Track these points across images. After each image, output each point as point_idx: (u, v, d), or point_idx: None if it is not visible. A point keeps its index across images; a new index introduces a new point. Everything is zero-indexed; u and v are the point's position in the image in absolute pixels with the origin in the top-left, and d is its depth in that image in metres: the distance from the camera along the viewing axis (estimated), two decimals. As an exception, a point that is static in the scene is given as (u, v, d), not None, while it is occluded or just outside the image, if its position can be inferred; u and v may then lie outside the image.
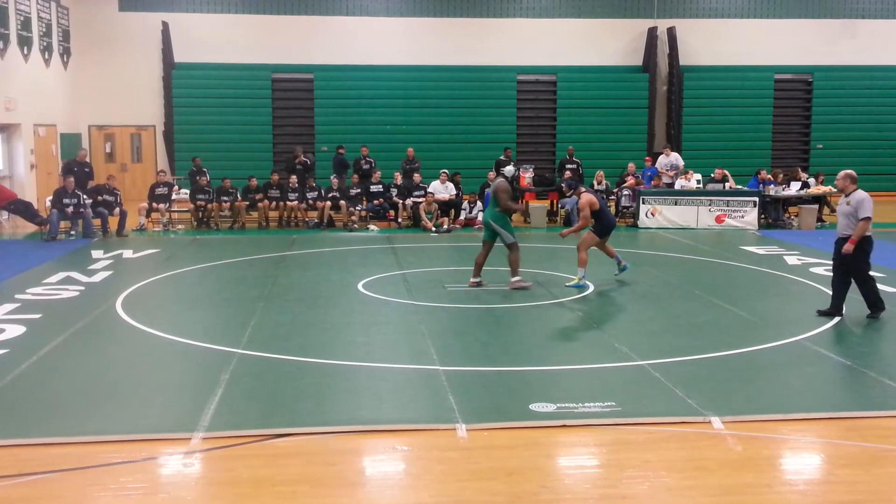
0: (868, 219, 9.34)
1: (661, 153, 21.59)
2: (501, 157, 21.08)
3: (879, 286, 11.27)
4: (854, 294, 10.66)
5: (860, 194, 9.53)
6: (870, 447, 5.81)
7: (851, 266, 9.58)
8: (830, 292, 9.95)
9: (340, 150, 21.18)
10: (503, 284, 11.68)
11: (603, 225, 11.86)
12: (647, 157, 22.44)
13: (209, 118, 24.42)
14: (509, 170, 11.89)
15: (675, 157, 20.64)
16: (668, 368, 7.51)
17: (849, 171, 9.77)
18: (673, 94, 26.20)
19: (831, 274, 9.98)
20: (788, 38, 26.19)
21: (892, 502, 5.05)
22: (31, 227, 17.70)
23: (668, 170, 20.21)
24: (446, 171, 19.45)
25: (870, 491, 5.18)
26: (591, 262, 13.01)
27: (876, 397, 6.88)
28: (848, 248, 9.42)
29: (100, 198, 17.31)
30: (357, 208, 18.58)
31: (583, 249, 11.70)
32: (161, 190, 18.42)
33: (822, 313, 9.75)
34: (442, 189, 18.90)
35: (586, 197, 11.82)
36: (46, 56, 21.88)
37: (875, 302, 9.70)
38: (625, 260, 12.25)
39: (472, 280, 11.55)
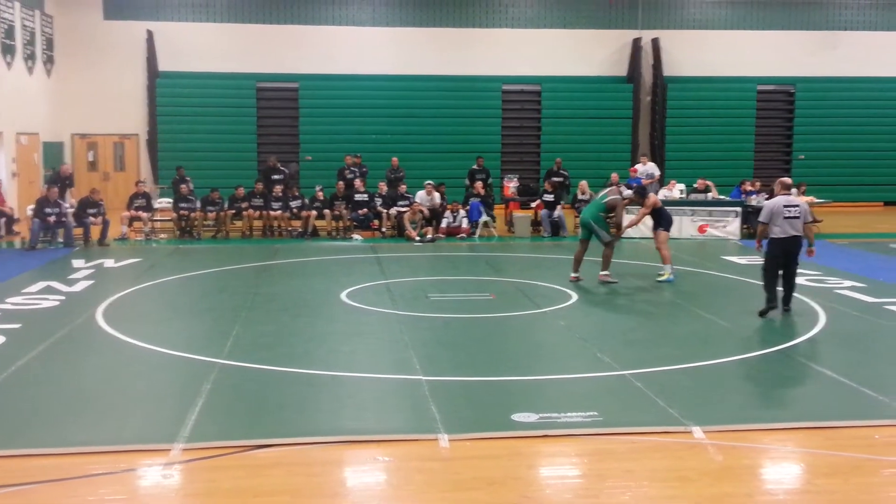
0: (758, 222, 10.31)
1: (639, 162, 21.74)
2: (474, 167, 21.12)
3: (860, 296, 11.50)
4: (834, 304, 10.82)
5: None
6: (850, 456, 5.83)
7: None
8: (808, 301, 10.78)
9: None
10: (486, 294, 11.71)
11: (667, 220, 13.19)
12: (632, 168, 22.53)
13: (193, 127, 24.34)
14: (628, 193, 13.46)
15: (651, 167, 20.76)
16: (649, 378, 7.52)
17: (781, 179, 10.70)
18: (657, 104, 26.34)
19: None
20: (771, 49, 26.41)
21: (871, 511, 5.09)
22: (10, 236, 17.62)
23: (644, 178, 20.33)
24: (431, 182, 19.38)
25: (849, 500, 5.20)
26: (582, 272, 13.08)
27: (855, 407, 6.91)
28: (756, 246, 10.53)
29: (87, 211, 17.17)
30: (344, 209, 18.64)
31: (663, 248, 12.86)
32: (139, 201, 18.30)
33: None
34: (427, 201, 18.88)
35: (654, 197, 13.50)
36: (30, 64, 21.78)
37: (767, 301, 10.09)
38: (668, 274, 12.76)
39: (572, 275, 12.50)
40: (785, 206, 10.02)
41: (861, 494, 5.29)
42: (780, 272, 10.16)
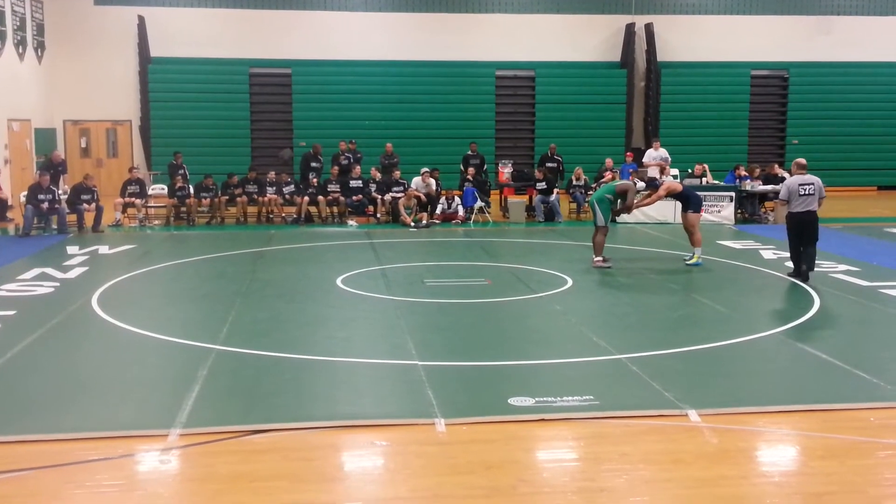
0: (779, 199, 11.89)
1: (651, 147, 21.55)
2: (469, 153, 21.08)
3: (854, 280, 11.62)
4: (829, 288, 10.86)
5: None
6: (844, 439, 5.86)
7: None
8: (803, 285, 11.21)
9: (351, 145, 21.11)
10: (482, 279, 11.71)
11: (695, 203, 13.06)
12: (628, 153, 22.50)
13: (186, 113, 24.26)
14: (641, 185, 13.57)
15: (663, 151, 20.64)
16: (645, 362, 7.54)
17: (797, 160, 11.75)
18: (650, 90, 26.32)
19: None
20: (764, 34, 26.39)
21: (866, 493, 5.10)
22: (3, 223, 17.55)
23: (660, 161, 20.17)
24: (427, 169, 19.32)
25: (844, 482, 5.23)
26: (570, 257, 13.07)
27: (850, 389, 6.94)
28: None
29: (80, 197, 17.09)
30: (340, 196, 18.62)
31: (695, 230, 12.89)
32: (133, 188, 18.22)
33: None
34: (423, 187, 18.85)
35: (670, 183, 13.90)
36: (20, 50, 21.64)
37: (795, 268, 11.45)
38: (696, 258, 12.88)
39: (596, 259, 12.54)
40: (800, 185, 11.17)
41: (856, 476, 5.31)
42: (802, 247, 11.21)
